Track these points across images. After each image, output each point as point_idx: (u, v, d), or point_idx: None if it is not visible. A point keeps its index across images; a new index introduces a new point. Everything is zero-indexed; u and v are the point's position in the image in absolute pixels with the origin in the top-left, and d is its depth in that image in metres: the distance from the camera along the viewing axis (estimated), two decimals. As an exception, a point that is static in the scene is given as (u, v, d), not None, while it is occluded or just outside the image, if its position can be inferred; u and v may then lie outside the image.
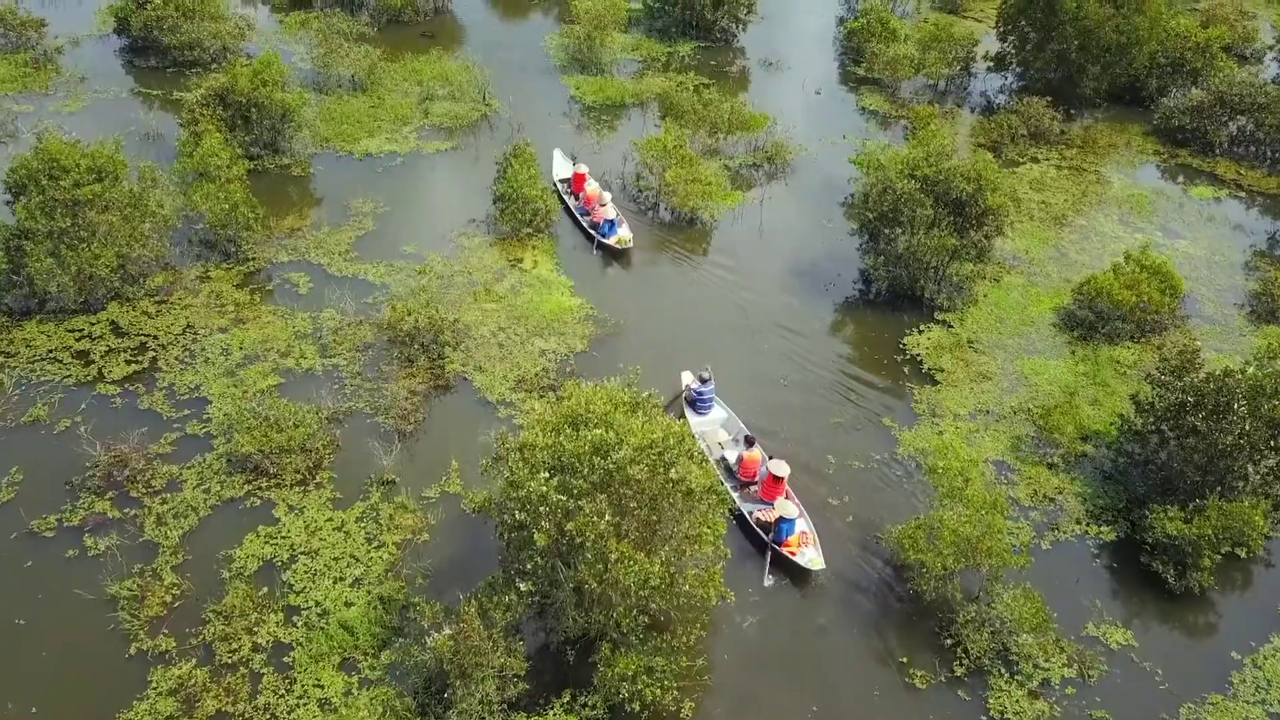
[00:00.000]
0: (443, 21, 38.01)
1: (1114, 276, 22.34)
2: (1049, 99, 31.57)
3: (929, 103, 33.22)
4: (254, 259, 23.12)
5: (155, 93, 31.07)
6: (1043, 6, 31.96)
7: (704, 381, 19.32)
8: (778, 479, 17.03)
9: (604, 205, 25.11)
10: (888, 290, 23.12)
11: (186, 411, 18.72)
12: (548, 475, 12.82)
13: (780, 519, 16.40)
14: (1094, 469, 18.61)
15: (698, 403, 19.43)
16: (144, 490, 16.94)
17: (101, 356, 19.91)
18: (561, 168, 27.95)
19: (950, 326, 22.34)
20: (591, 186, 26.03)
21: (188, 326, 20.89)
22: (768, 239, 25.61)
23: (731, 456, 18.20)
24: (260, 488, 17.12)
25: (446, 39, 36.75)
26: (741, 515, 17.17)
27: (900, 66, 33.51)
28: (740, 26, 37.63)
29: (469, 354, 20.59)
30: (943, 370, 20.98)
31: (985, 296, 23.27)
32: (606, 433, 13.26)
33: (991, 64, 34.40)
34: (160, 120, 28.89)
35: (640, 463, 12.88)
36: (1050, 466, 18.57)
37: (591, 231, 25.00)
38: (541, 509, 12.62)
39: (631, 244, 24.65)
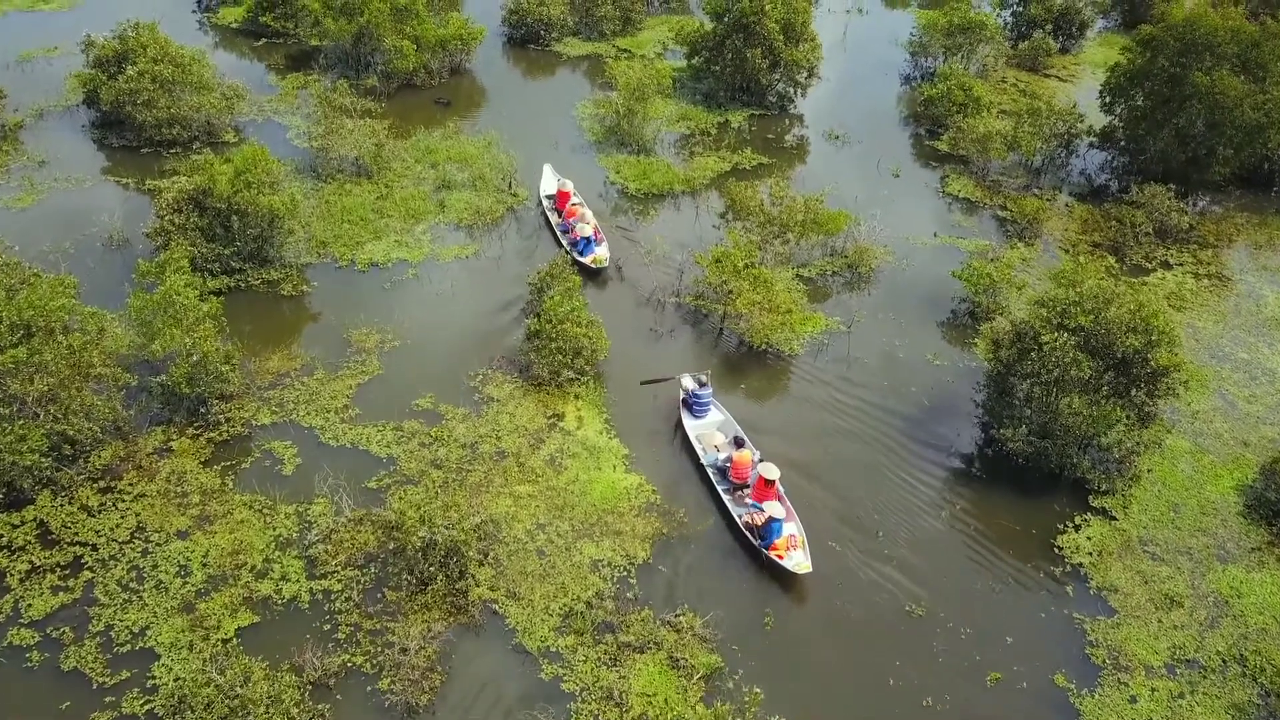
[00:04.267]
0: (459, 85, 33.46)
1: (1320, 453, 17.53)
2: (1170, 185, 26.88)
3: (1025, 188, 28.51)
4: (229, 420, 18.46)
5: (125, 180, 26.52)
6: (1165, 77, 27.24)
7: (702, 385, 19.14)
8: (769, 482, 16.86)
9: (585, 223, 24.14)
10: (1024, 461, 18.26)
11: (125, 674, 13.95)
12: None
13: (770, 519, 16.17)
14: (1352, 762, 13.78)
15: (694, 406, 19.11)
16: (55, 821, 12.25)
17: (20, 581, 15.19)
18: (550, 183, 26.80)
19: (1113, 518, 17.48)
20: (572, 204, 25.15)
21: (138, 529, 16.19)
22: (860, 378, 20.79)
23: (722, 458, 17.97)
24: (217, 814, 12.40)
25: (464, 105, 32.22)
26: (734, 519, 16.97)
27: (991, 144, 28.79)
28: (799, 92, 33.01)
29: (499, 569, 15.82)
30: (1116, 590, 16.12)
31: (1149, 472, 18.42)
32: None
33: (1095, 140, 29.69)
34: (130, 215, 24.30)
35: None
36: (1294, 760, 13.75)
37: (570, 251, 23.94)
38: None
39: (607, 264, 23.63)
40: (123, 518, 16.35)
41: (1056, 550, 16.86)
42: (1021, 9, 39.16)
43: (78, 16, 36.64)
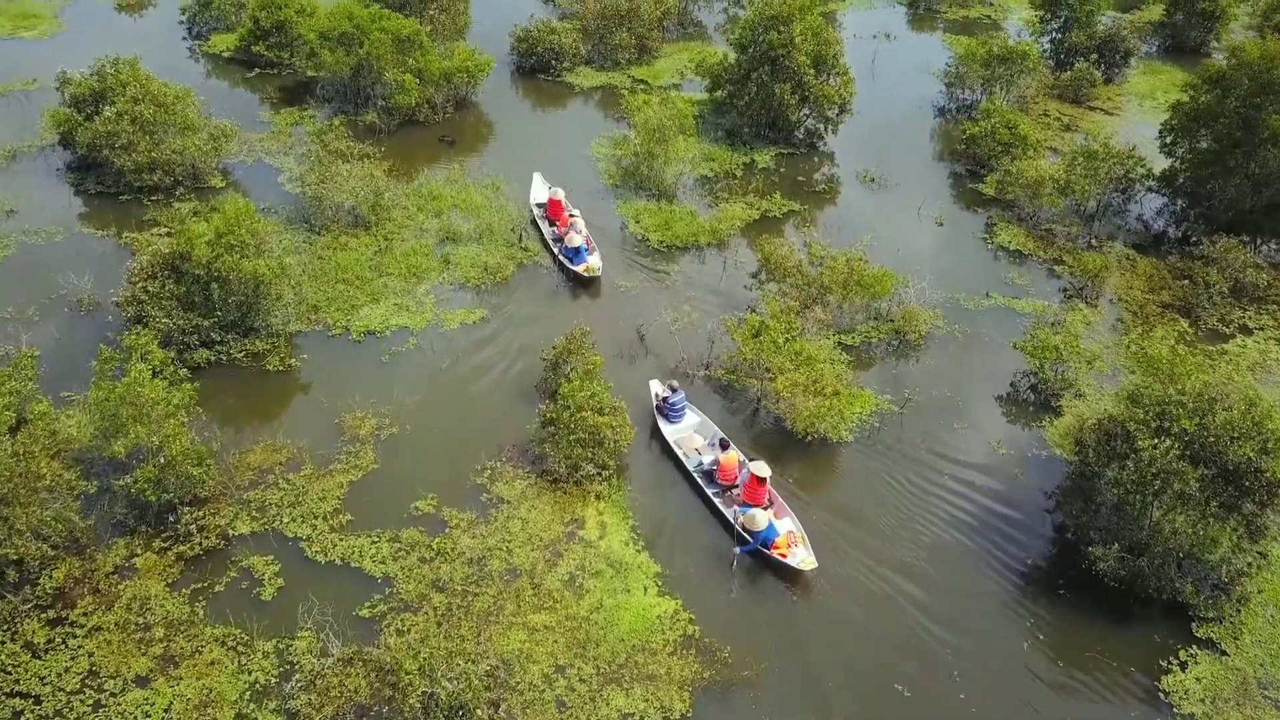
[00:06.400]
0: (464, 120, 31.23)
1: None
2: (1241, 236, 24.63)
3: (1080, 238, 26.16)
4: (201, 530, 16.13)
5: (101, 232, 24.29)
6: (1237, 119, 24.87)
7: (674, 390, 18.90)
8: (761, 480, 16.67)
9: (578, 233, 23.71)
10: (1117, 584, 15.83)
11: None
12: None
13: (757, 531, 16.02)
14: None
15: (669, 411, 18.87)
16: None
17: (-53, 747, 12.96)
18: (540, 192, 26.40)
19: (1223, 653, 15.09)
20: (567, 214, 24.84)
21: (90, 674, 13.84)
22: (918, 472, 18.37)
23: (708, 460, 17.83)
24: None
25: (470, 142, 30.04)
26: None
27: (1043, 190, 26.47)
28: (830, 128, 30.69)
29: (513, 725, 13.51)
30: (1238, 751, 13.77)
31: (1259, 593, 16.00)
32: None
33: (1155, 184, 27.31)
34: (103, 274, 21.98)
35: None
36: None
37: (562, 259, 23.68)
38: None
39: (600, 273, 23.30)
40: (74, 658, 14.01)
41: (1162, 695, 14.47)
42: (1061, 36, 36.90)
43: (60, 45, 34.69)
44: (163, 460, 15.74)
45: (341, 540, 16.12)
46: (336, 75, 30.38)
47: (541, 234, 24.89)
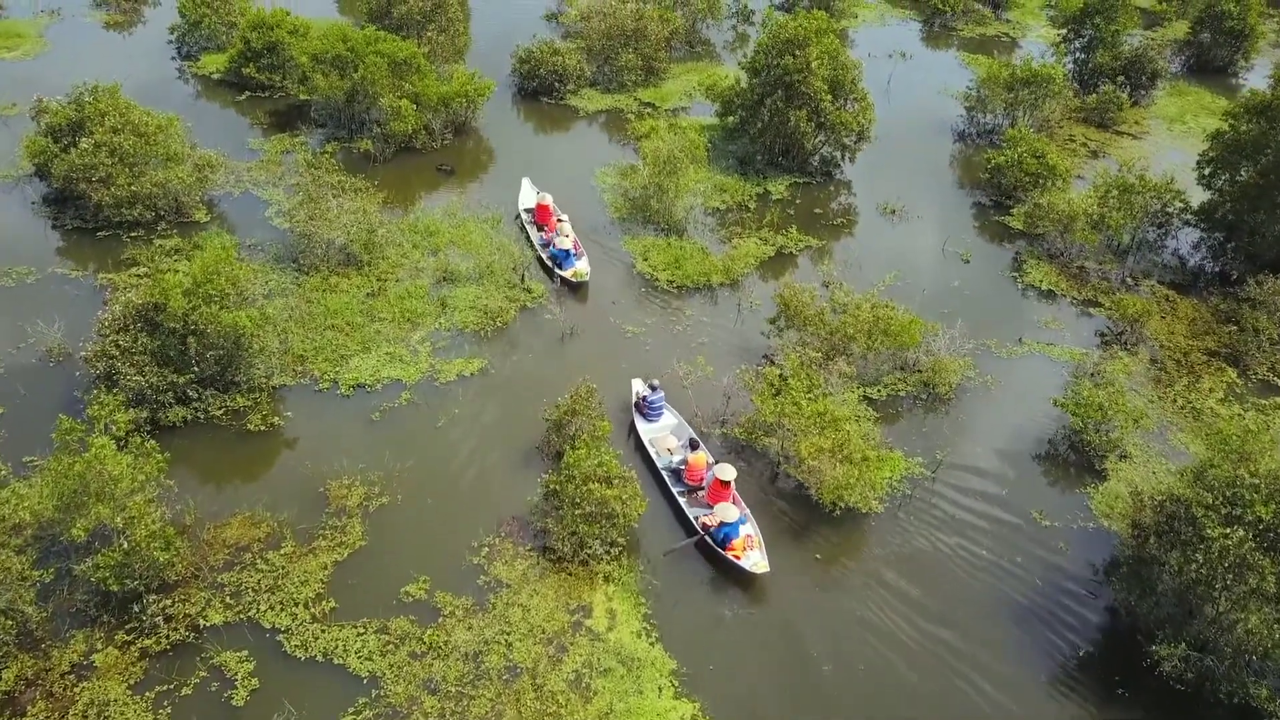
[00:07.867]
0: (463, 147, 29.72)
1: None
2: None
3: (1115, 276, 24.68)
4: (169, 621, 14.62)
5: (76, 272, 22.82)
6: (1282, 153, 23.48)
7: (654, 389, 18.89)
8: (724, 483, 16.82)
9: (565, 237, 23.69)
10: (1183, 687, 14.34)
11: None
12: None
13: (722, 522, 16.15)
14: None
15: (647, 410, 18.96)
16: None
17: None
18: (528, 197, 26.36)
19: (1303, 766, 13.63)
20: (553, 218, 24.84)
21: (38, 797, 12.43)
22: (956, 548, 16.92)
23: (677, 460, 17.91)
24: None
25: (469, 171, 28.55)
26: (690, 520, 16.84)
27: (1076, 225, 25.00)
28: (847, 157, 29.22)
29: None
30: None
31: (1338, 693, 14.54)
32: None
33: (1192, 217, 25.85)
34: (76, 320, 20.51)
35: None
36: None
37: (550, 265, 23.63)
38: None
39: (588, 278, 23.16)
40: (21, 779, 12.58)
41: (1239, 821, 13.00)
42: (1086, 56, 35.46)
43: (45, 65, 33.23)
44: (126, 545, 14.26)
45: (324, 632, 14.61)
46: (330, 100, 28.94)
47: (529, 239, 24.82)
